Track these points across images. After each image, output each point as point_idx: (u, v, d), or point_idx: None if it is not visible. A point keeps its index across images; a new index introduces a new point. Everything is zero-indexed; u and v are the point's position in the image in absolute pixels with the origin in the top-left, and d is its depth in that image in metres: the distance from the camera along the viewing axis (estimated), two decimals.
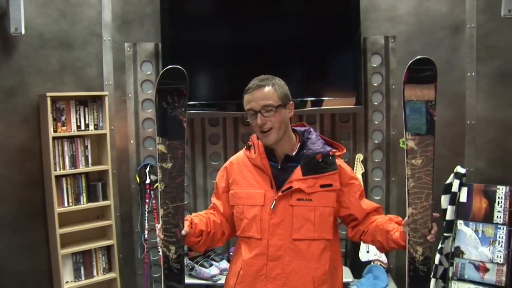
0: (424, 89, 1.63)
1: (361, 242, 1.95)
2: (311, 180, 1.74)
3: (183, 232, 1.74)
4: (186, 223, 1.77)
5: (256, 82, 1.77)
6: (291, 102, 1.82)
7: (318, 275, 1.75)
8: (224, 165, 1.92)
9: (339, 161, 1.83)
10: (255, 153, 1.81)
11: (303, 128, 1.89)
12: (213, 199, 1.94)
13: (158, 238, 1.77)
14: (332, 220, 1.79)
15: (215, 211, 1.91)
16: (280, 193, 1.74)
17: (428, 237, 1.67)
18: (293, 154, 1.79)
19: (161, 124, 1.73)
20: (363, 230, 1.83)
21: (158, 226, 1.76)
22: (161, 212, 1.74)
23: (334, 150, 1.81)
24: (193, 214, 1.89)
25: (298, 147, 1.81)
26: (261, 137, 1.77)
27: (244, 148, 1.90)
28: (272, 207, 1.74)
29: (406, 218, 1.68)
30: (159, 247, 1.78)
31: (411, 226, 1.67)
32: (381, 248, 1.83)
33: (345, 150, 1.85)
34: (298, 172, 1.75)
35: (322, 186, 1.75)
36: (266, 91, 1.74)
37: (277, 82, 1.79)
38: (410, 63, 1.64)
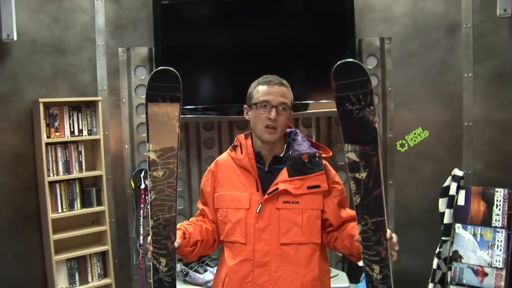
0: (358, 95, 1.44)
1: (334, 249, 1.83)
2: (297, 181, 1.70)
3: (175, 244, 1.64)
4: (179, 234, 1.69)
5: (277, 79, 1.76)
6: (292, 111, 1.81)
7: (307, 281, 1.69)
8: (208, 169, 1.86)
9: (325, 162, 1.78)
10: (242, 153, 1.76)
11: (288, 130, 1.85)
12: (200, 206, 1.88)
13: (148, 250, 1.67)
14: (320, 223, 1.74)
15: (204, 218, 1.85)
16: (266, 196, 1.70)
17: (384, 255, 1.52)
18: (281, 155, 1.76)
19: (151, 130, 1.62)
20: (336, 236, 1.76)
21: (149, 238, 1.67)
22: (150, 223, 1.65)
23: (321, 152, 1.78)
24: (185, 222, 1.83)
25: (284, 148, 1.78)
26: (263, 133, 1.72)
27: (228, 149, 1.85)
28: (258, 211, 1.70)
29: (358, 235, 1.55)
30: (149, 257, 1.69)
31: (363, 244, 1.52)
32: (351, 256, 1.73)
33: (331, 153, 1.81)
34: (284, 173, 1.71)
35: (309, 187, 1.71)
36: (286, 90, 1.76)
37: (289, 88, 1.80)
38: (333, 70, 1.44)
